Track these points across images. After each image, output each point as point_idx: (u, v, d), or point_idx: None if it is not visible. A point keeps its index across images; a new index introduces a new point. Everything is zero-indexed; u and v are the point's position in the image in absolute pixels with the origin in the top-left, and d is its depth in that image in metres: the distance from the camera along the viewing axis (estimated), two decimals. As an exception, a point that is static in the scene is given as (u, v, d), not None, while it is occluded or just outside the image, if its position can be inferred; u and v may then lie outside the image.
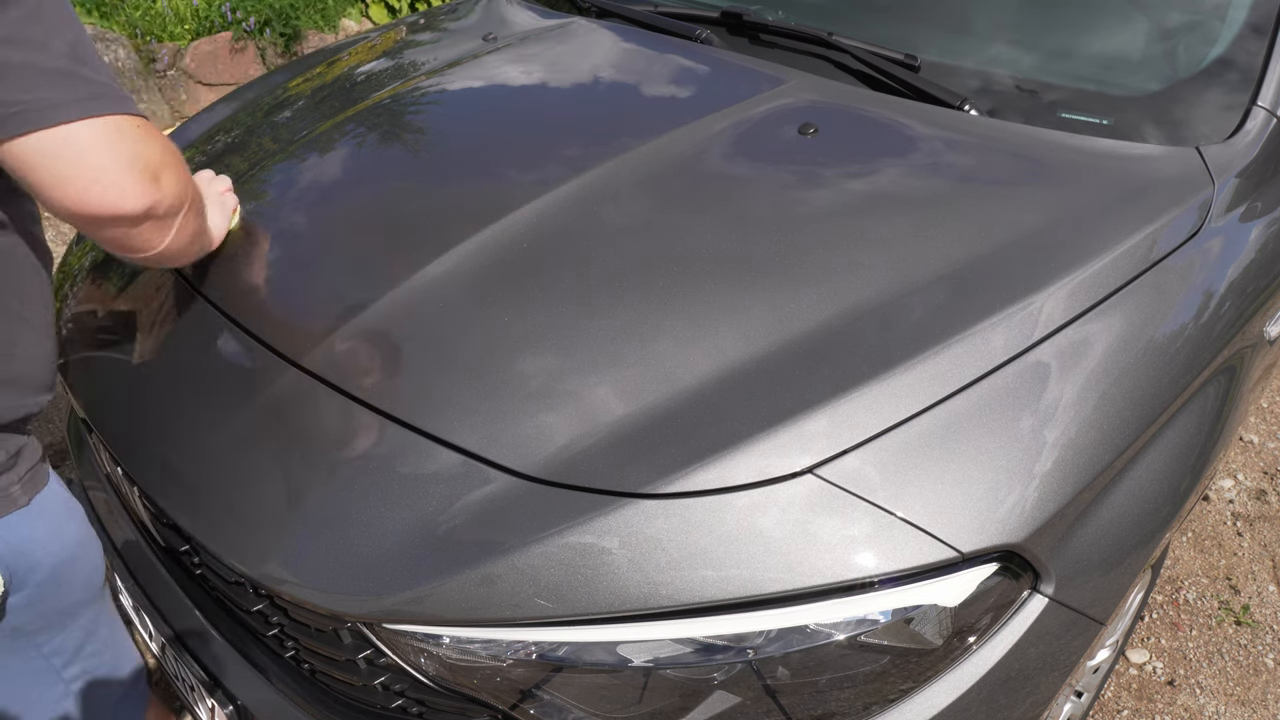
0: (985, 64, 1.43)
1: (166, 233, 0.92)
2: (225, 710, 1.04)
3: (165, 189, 0.86)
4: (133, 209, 0.83)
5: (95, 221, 0.83)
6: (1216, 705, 1.78)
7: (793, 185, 1.18)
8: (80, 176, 0.78)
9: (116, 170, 0.80)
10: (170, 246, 0.95)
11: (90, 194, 0.80)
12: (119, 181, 0.81)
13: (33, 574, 0.92)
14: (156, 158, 0.85)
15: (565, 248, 1.11)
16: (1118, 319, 1.02)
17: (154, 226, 0.89)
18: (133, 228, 0.87)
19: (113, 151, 0.80)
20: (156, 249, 0.93)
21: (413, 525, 0.87)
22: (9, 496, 0.91)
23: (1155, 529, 1.05)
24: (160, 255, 0.95)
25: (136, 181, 0.82)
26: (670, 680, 0.85)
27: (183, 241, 0.97)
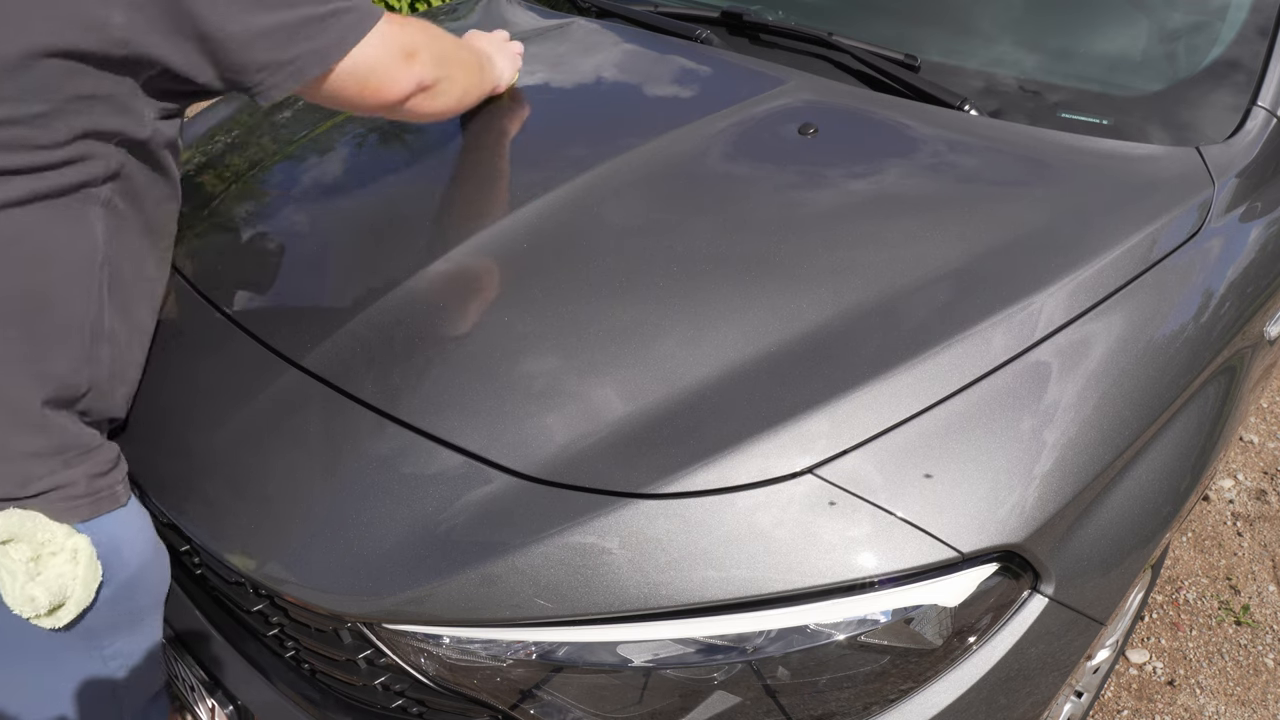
0: (985, 64, 1.43)
1: (437, 97, 1.12)
2: (225, 710, 1.04)
3: (425, 64, 1.06)
4: (409, 89, 1.05)
5: (389, 108, 1.06)
6: (1216, 705, 1.78)
7: (793, 185, 1.18)
8: (372, 83, 1.00)
9: (390, 69, 1.01)
10: (450, 104, 1.17)
11: (381, 94, 1.02)
12: (394, 76, 1.02)
13: (120, 572, 0.94)
14: (410, 43, 1.03)
15: (565, 247, 1.11)
16: (1118, 319, 1.02)
17: (428, 95, 1.10)
18: (415, 99, 1.08)
19: (384, 57, 0.99)
20: (438, 108, 1.15)
21: (413, 525, 0.87)
22: (114, 494, 0.94)
23: (1155, 529, 1.05)
24: (447, 113, 1.19)
25: (404, 70, 1.03)
26: (670, 680, 0.85)
27: (460, 97, 1.20)
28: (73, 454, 0.91)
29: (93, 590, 0.91)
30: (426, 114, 1.14)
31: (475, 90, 1.27)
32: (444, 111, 1.18)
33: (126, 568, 0.95)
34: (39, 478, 0.87)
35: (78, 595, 0.89)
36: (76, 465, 0.91)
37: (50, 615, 0.89)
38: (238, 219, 1.26)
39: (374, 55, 0.98)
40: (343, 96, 1.00)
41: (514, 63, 1.41)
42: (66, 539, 0.88)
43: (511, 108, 1.40)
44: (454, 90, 1.16)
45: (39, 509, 0.87)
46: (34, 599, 0.86)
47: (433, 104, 1.13)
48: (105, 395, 0.96)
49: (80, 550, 0.89)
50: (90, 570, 0.90)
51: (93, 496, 0.92)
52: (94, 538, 0.91)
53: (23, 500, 0.87)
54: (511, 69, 1.40)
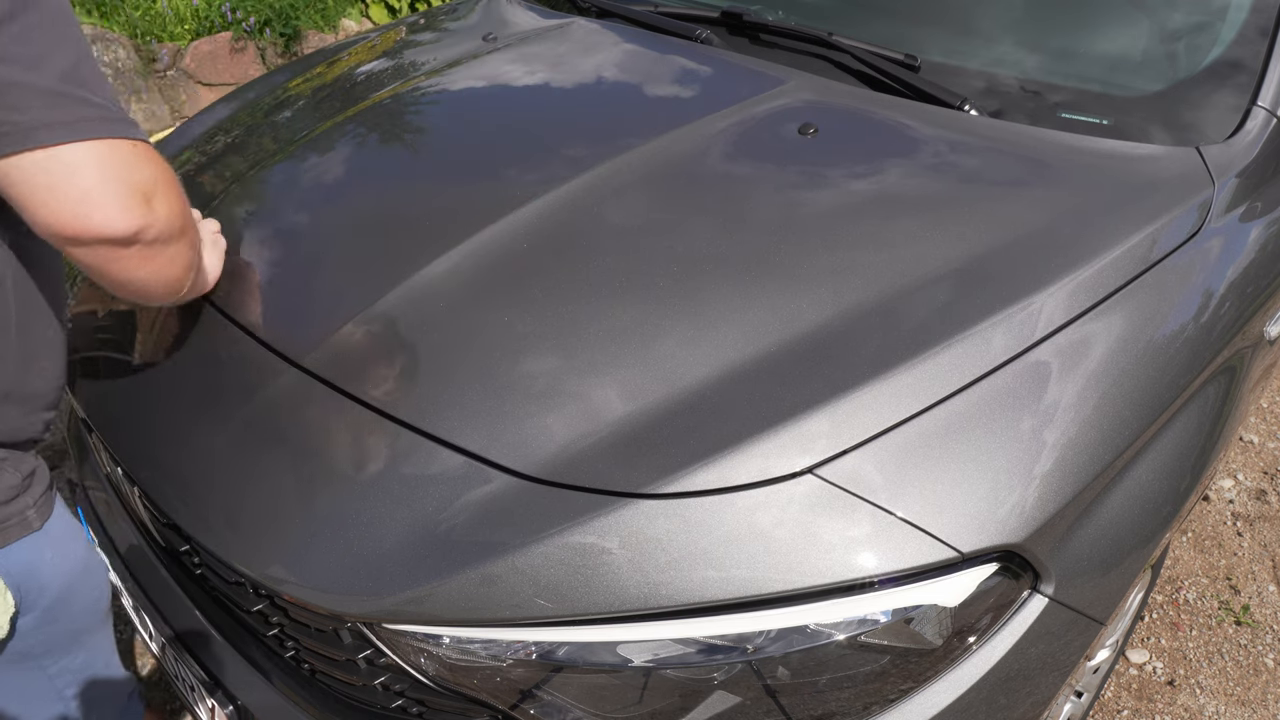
0: (985, 64, 1.43)
1: (155, 262, 0.87)
2: (225, 710, 1.04)
3: (157, 213, 0.83)
4: (121, 231, 0.80)
5: (81, 242, 0.80)
6: (1216, 705, 1.78)
7: (793, 185, 1.18)
8: (68, 196, 0.77)
9: (106, 191, 0.78)
10: (159, 277, 0.89)
11: (78, 214, 0.78)
12: (107, 203, 0.79)
13: (41, 597, 0.92)
14: (150, 181, 0.82)
15: (565, 247, 1.10)
16: (1118, 319, 1.02)
17: (142, 253, 0.85)
18: (120, 250, 0.83)
19: (103, 173, 0.78)
20: (143, 279, 0.88)
21: (413, 525, 0.87)
22: (24, 520, 0.91)
23: (1155, 529, 1.05)
24: (146, 287, 0.90)
25: (126, 204, 0.80)
26: (670, 680, 0.85)
27: (173, 274, 0.91)
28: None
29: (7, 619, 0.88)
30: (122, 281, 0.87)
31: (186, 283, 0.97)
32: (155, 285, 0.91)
33: (49, 592, 0.92)
34: None
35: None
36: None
37: None
38: (237, 219, 1.26)
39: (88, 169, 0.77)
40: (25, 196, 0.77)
41: (216, 251, 1.15)
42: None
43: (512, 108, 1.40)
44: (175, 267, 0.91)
45: None
46: None
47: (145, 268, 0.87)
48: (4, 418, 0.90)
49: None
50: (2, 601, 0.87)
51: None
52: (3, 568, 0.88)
53: None
54: (217, 258, 1.14)
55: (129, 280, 0.87)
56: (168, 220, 0.85)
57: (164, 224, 0.85)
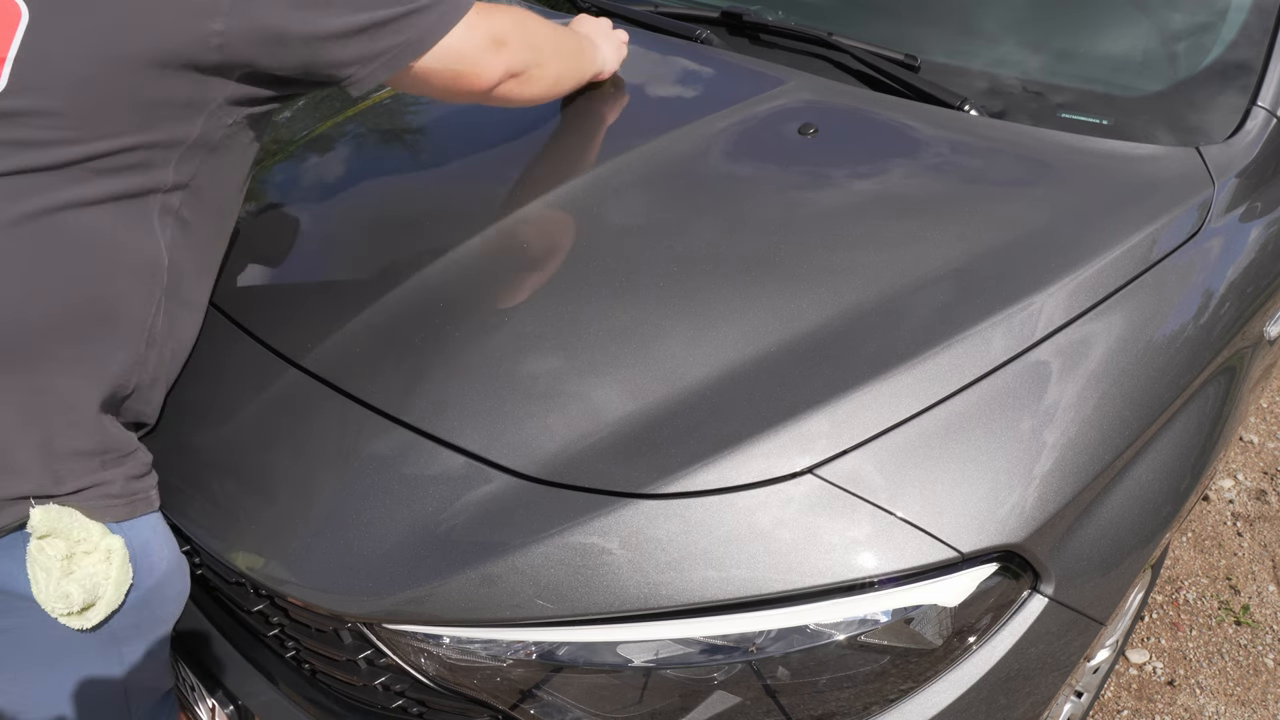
0: (985, 64, 1.43)
1: (528, 83, 1.13)
2: (225, 710, 1.04)
3: (515, 50, 1.07)
4: (499, 76, 1.07)
5: (480, 95, 1.08)
6: (1216, 705, 1.78)
7: (793, 185, 1.18)
8: (463, 71, 1.02)
9: (479, 56, 1.02)
10: (542, 90, 1.18)
11: (473, 82, 1.05)
12: (484, 63, 1.04)
13: (148, 577, 0.94)
14: (499, 29, 1.04)
15: (565, 247, 1.11)
16: (1118, 319, 1.02)
17: (517, 82, 1.11)
18: (505, 85, 1.09)
19: (474, 44, 1.01)
20: (531, 93, 1.16)
21: (413, 525, 0.87)
22: (148, 498, 0.94)
23: (1155, 529, 1.05)
24: (542, 98, 1.21)
25: (494, 57, 1.04)
26: (670, 680, 0.85)
27: (548, 83, 1.19)
28: (112, 455, 0.90)
29: (123, 592, 0.90)
30: (519, 99, 1.15)
31: (571, 76, 1.27)
32: (537, 97, 1.19)
33: (154, 573, 0.94)
34: (77, 476, 0.87)
35: (109, 596, 0.89)
36: (114, 467, 0.90)
37: (80, 615, 0.88)
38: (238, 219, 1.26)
39: (462, 45, 0.99)
40: (432, 85, 1.02)
41: (619, 50, 1.41)
42: (101, 538, 0.88)
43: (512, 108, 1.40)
44: (546, 76, 1.17)
45: (75, 507, 0.87)
46: (68, 595, 0.86)
47: (523, 90, 1.14)
48: (147, 399, 0.97)
49: (114, 551, 0.89)
50: (123, 572, 0.90)
51: (129, 498, 0.91)
52: (127, 539, 0.90)
53: (60, 498, 0.86)
54: (616, 56, 1.40)
55: (526, 97, 1.16)
56: (525, 52, 1.10)
57: (522, 57, 1.09)
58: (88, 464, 0.88)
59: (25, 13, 0.78)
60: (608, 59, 1.37)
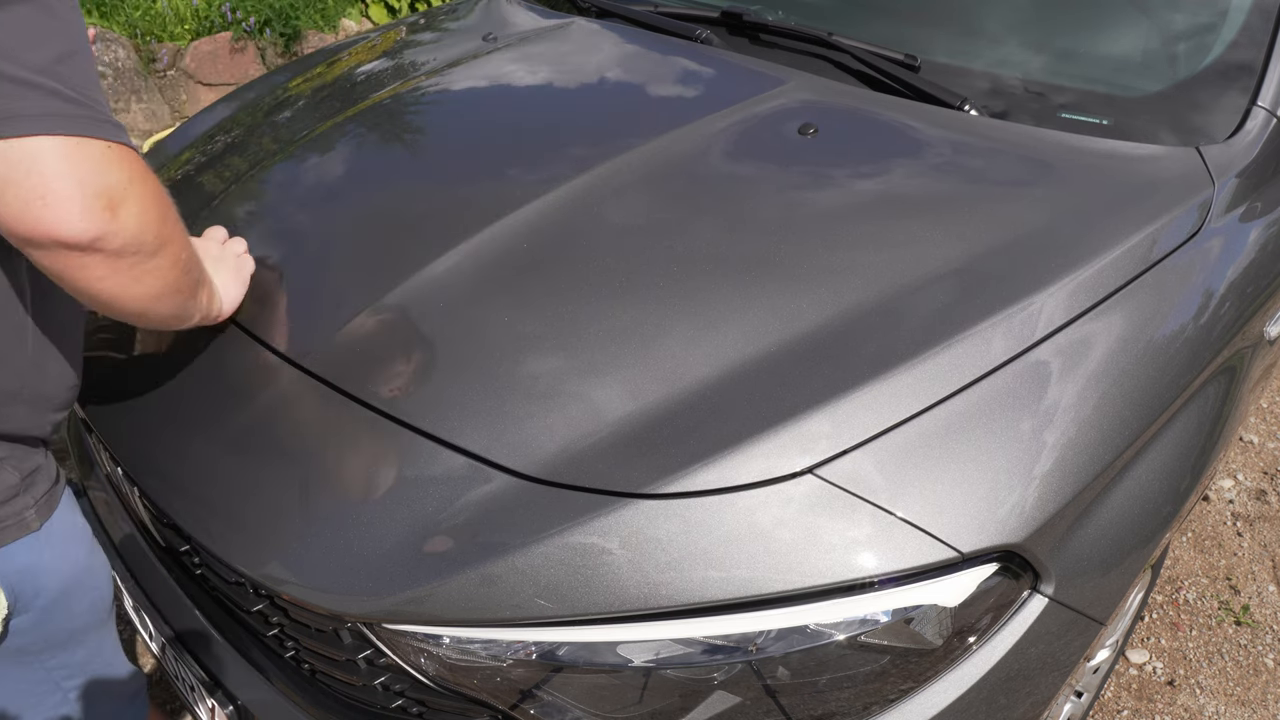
0: (985, 64, 1.43)
1: (121, 274, 0.79)
2: (225, 710, 1.04)
3: (123, 222, 0.76)
4: (76, 235, 0.73)
5: (36, 244, 0.74)
6: (1216, 705, 1.78)
7: (793, 185, 1.18)
8: (23, 192, 0.71)
9: (65, 191, 0.72)
10: (127, 292, 0.82)
11: (30, 212, 0.71)
12: (64, 203, 0.72)
13: (37, 598, 0.91)
14: (119, 186, 0.75)
15: (565, 247, 1.11)
16: (1118, 319, 1.02)
17: (104, 263, 0.77)
18: (80, 257, 0.76)
19: (66, 171, 0.72)
20: (110, 293, 0.80)
21: (413, 525, 0.87)
22: (22, 521, 0.89)
23: (1155, 529, 1.05)
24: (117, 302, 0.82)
25: (86, 206, 0.73)
26: (670, 680, 0.85)
27: (143, 291, 0.83)
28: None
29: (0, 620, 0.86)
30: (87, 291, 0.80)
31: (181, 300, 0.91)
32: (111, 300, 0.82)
33: (45, 593, 0.91)
34: None
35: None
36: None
37: None
38: (238, 219, 1.26)
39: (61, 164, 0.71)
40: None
41: (239, 277, 1.09)
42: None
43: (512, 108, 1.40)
44: (142, 285, 0.83)
45: None
46: None
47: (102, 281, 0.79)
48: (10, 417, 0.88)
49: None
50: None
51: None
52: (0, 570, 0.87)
53: None
54: (238, 285, 1.08)
55: (95, 293, 0.80)
56: (136, 232, 0.78)
57: (130, 235, 0.77)
58: None
59: None
60: (225, 295, 1.05)
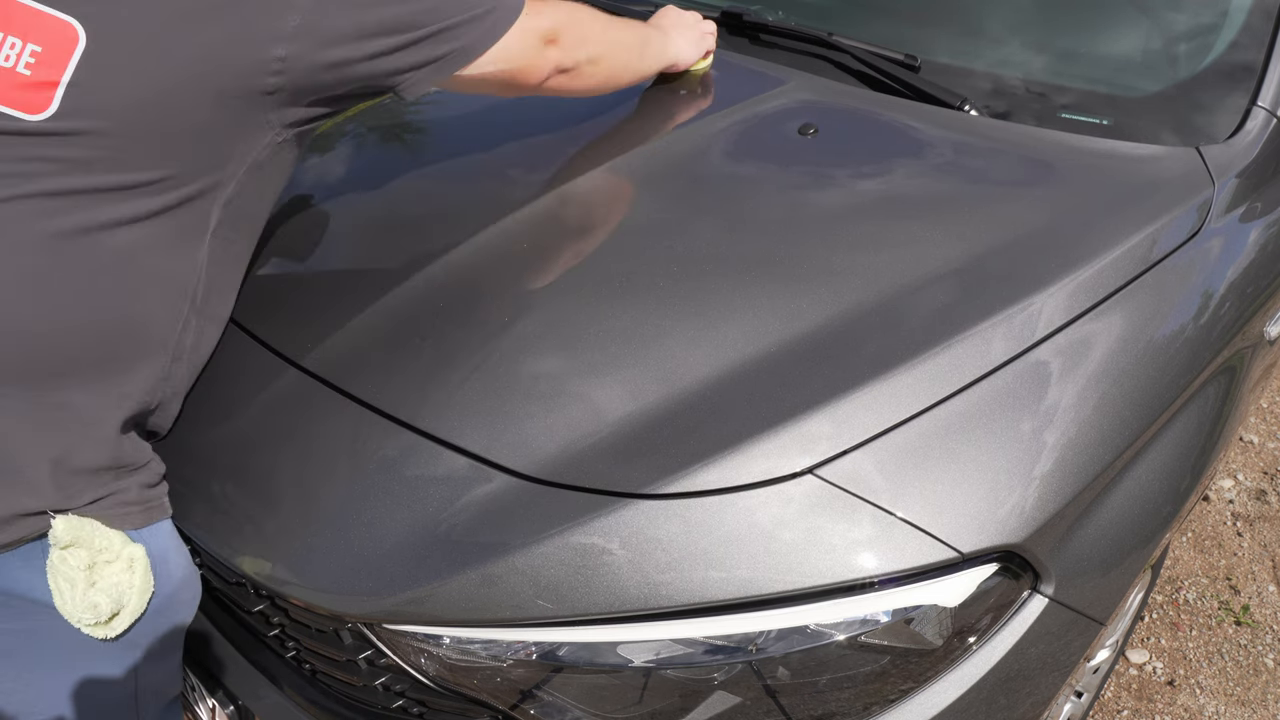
0: (985, 64, 1.43)
1: (579, 78, 1.14)
2: (226, 710, 1.04)
3: (565, 49, 1.08)
4: (547, 72, 1.07)
5: (529, 90, 1.09)
6: (1216, 705, 1.78)
7: (793, 185, 1.18)
8: (510, 71, 1.03)
9: (527, 56, 1.03)
10: (590, 83, 1.17)
11: (520, 78, 1.05)
12: (531, 62, 1.04)
13: (166, 584, 0.93)
14: (550, 27, 1.05)
15: (565, 247, 1.11)
16: (1118, 319, 1.02)
17: (567, 77, 1.11)
18: (553, 80, 1.10)
19: (522, 45, 1.01)
20: (590, 86, 1.18)
21: (414, 526, 0.87)
22: (163, 505, 0.94)
23: (1155, 529, 1.05)
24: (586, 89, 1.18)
25: (540, 56, 1.05)
26: (670, 680, 0.85)
27: (601, 78, 1.18)
28: (127, 468, 0.90)
29: (146, 600, 0.90)
30: (571, 92, 1.16)
31: (629, 70, 1.25)
32: (590, 89, 1.19)
33: (172, 579, 0.94)
34: (93, 488, 0.86)
35: (134, 604, 0.88)
36: (129, 476, 0.90)
37: (106, 624, 0.87)
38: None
39: (512, 47, 1.00)
40: (481, 85, 1.03)
41: (699, 43, 1.38)
42: (123, 547, 0.87)
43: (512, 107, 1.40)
44: (598, 72, 1.16)
45: (93, 516, 0.86)
46: (96, 606, 0.85)
47: (574, 83, 1.14)
48: (167, 413, 0.97)
49: (137, 559, 0.88)
50: (145, 579, 0.89)
51: (144, 505, 0.91)
52: (147, 546, 0.90)
53: (77, 509, 0.85)
54: (695, 49, 1.37)
55: (584, 88, 1.17)
56: (575, 49, 1.10)
57: (573, 53, 1.09)
58: (102, 476, 0.87)
59: (83, 36, 0.77)
60: (680, 52, 1.34)
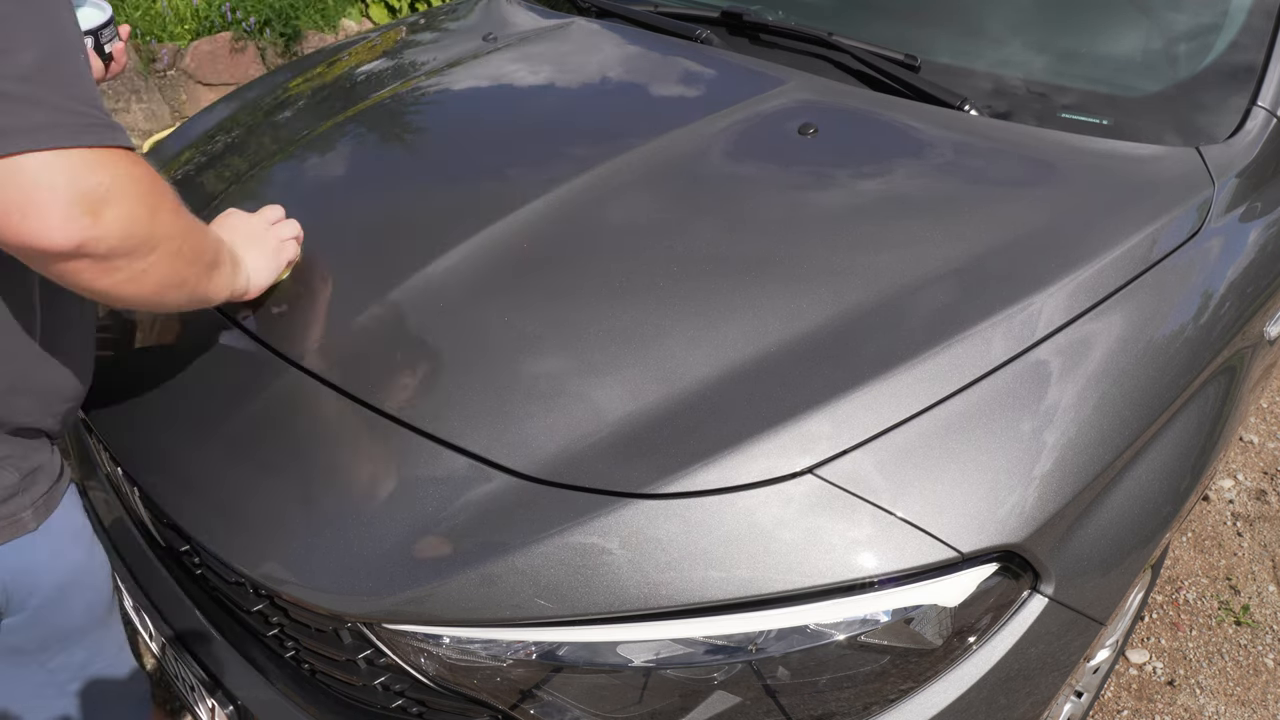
0: (985, 64, 1.43)
1: (116, 274, 0.78)
2: (225, 710, 1.04)
3: (107, 226, 0.73)
4: (58, 245, 0.71)
5: (22, 254, 0.73)
6: (1216, 705, 1.78)
7: (793, 185, 1.18)
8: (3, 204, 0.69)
9: (43, 202, 0.69)
10: (128, 290, 0.81)
11: (9, 224, 0.70)
12: (43, 215, 0.70)
13: (31, 598, 0.91)
14: (101, 189, 0.72)
15: (566, 247, 1.11)
16: (1118, 319, 1.02)
17: (95, 266, 0.76)
18: (69, 264, 0.74)
19: (43, 182, 0.69)
20: (107, 290, 0.79)
21: (413, 525, 0.87)
22: (18, 521, 0.88)
23: (1155, 529, 1.05)
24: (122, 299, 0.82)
25: (66, 216, 0.71)
26: (670, 680, 0.85)
27: (149, 287, 0.82)
28: None
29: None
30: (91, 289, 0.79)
31: (189, 289, 0.89)
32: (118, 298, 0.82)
33: (40, 593, 0.90)
34: None
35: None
36: None
37: None
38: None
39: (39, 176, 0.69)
40: None
41: (275, 259, 1.09)
42: None
43: (512, 108, 1.40)
44: (148, 281, 0.82)
45: None
46: None
47: (104, 281, 0.78)
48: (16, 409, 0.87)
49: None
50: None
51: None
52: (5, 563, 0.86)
53: None
54: (268, 271, 1.08)
55: (95, 291, 0.79)
56: (122, 235, 0.75)
57: (117, 238, 0.75)
58: None
59: None
60: (253, 278, 1.04)
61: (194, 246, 0.88)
